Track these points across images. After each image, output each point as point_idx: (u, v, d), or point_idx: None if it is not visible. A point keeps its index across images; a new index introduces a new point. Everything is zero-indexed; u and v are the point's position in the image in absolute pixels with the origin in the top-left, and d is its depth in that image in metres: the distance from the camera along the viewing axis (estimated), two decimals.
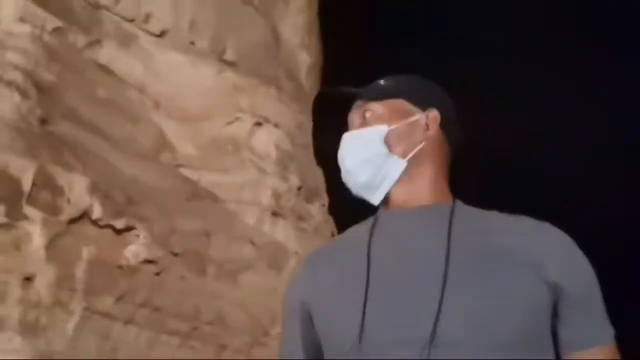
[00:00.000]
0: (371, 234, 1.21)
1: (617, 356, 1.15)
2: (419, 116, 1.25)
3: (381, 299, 1.10)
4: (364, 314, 1.09)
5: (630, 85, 12.01)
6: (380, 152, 1.23)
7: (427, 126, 1.25)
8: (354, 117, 1.29)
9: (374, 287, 1.11)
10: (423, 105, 1.26)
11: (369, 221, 1.25)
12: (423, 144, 1.24)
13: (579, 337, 1.12)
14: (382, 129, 1.24)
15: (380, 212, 1.25)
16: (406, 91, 1.28)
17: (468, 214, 1.19)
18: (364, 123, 1.26)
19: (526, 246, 1.11)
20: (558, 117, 13.01)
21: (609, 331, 1.14)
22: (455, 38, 12.23)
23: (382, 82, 1.29)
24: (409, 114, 1.25)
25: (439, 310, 1.04)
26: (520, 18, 12.80)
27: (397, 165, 1.22)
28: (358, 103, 1.29)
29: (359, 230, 1.25)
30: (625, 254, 10.84)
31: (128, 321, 3.66)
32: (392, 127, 1.24)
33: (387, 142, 1.23)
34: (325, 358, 1.21)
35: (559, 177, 12.31)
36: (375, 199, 1.23)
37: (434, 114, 1.26)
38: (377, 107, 1.26)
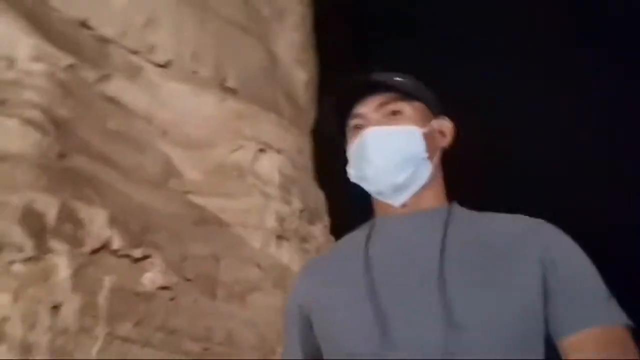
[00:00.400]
0: (368, 238, 1.19)
1: (623, 339, 1.04)
2: (437, 123, 1.25)
3: (388, 299, 1.09)
4: (377, 314, 1.07)
5: (630, 84, 12.12)
6: (419, 154, 1.19)
7: (441, 134, 1.25)
8: (369, 110, 1.22)
9: (378, 289, 1.10)
10: (435, 112, 1.26)
11: (366, 227, 1.25)
12: (439, 151, 1.25)
13: (570, 319, 1.06)
14: (418, 130, 1.21)
15: (377, 217, 1.25)
16: (424, 95, 1.25)
17: (464, 215, 1.19)
18: (393, 120, 1.21)
19: (522, 242, 1.11)
20: (557, 117, 13.14)
21: (607, 311, 1.06)
22: (456, 39, 12.40)
23: (399, 78, 1.23)
24: (430, 120, 1.24)
25: (448, 306, 1.04)
26: (521, 18, 12.96)
27: (428, 170, 1.21)
28: (376, 96, 1.22)
29: (356, 236, 1.24)
30: (625, 254, 10.89)
31: (145, 344, 3.90)
32: (424, 130, 1.22)
33: (424, 144, 1.20)
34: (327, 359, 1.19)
35: (558, 177, 12.40)
36: (399, 201, 1.20)
37: (449, 122, 1.27)
38: (406, 107, 1.22)
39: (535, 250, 1.09)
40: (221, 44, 7.14)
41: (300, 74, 8.73)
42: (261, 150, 6.12)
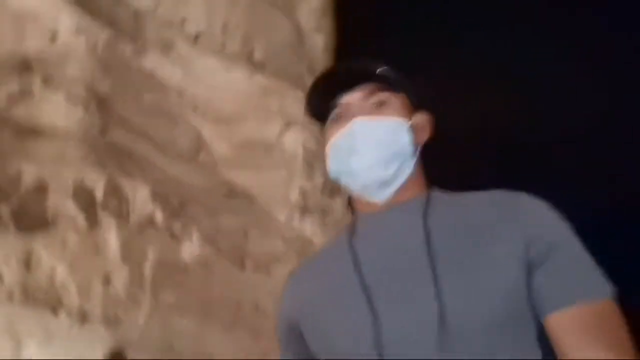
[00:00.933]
0: (351, 238, 1.20)
1: (607, 314, 1.00)
2: (419, 117, 1.23)
3: (381, 299, 1.07)
4: (374, 314, 1.06)
5: None
6: (406, 148, 1.17)
7: (422, 128, 1.24)
8: (354, 99, 1.17)
9: (370, 289, 1.09)
10: (415, 105, 1.24)
11: (347, 227, 1.26)
12: (420, 146, 1.23)
13: (553, 296, 1.02)
14: (405, 123, 1.19)
15: (357, 215, 1.24)
16: (408, 87, 1.23)
17: (443, 200, 1.17)
18: (379, 111, 1.17)
19: (502, 219, 1.08)
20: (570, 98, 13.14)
21: (589, 285, 1.02)
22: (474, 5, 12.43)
23: (385, 68, 1.19)
24: (412, 113, 1.22)
25: (440, 297, 1.02)
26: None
27: (411, 165, 1.19)
28: (362, 85, 1.18)
29: (338, 238, 1.25)
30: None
31: (184, 313, 4.21)
32: (410, 124, 1.19)
33: (410, 138, 1.18)
34: None
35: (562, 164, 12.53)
36: (383, 197, 1.18)
37: (428, 117, 1.25)
38: (392, 98, 1.19)
39: (516, 227, 1.06)
40: (250, 16, 7.28)
41: (319, 41, 8.86)
42: (287, 126, 6.34)
